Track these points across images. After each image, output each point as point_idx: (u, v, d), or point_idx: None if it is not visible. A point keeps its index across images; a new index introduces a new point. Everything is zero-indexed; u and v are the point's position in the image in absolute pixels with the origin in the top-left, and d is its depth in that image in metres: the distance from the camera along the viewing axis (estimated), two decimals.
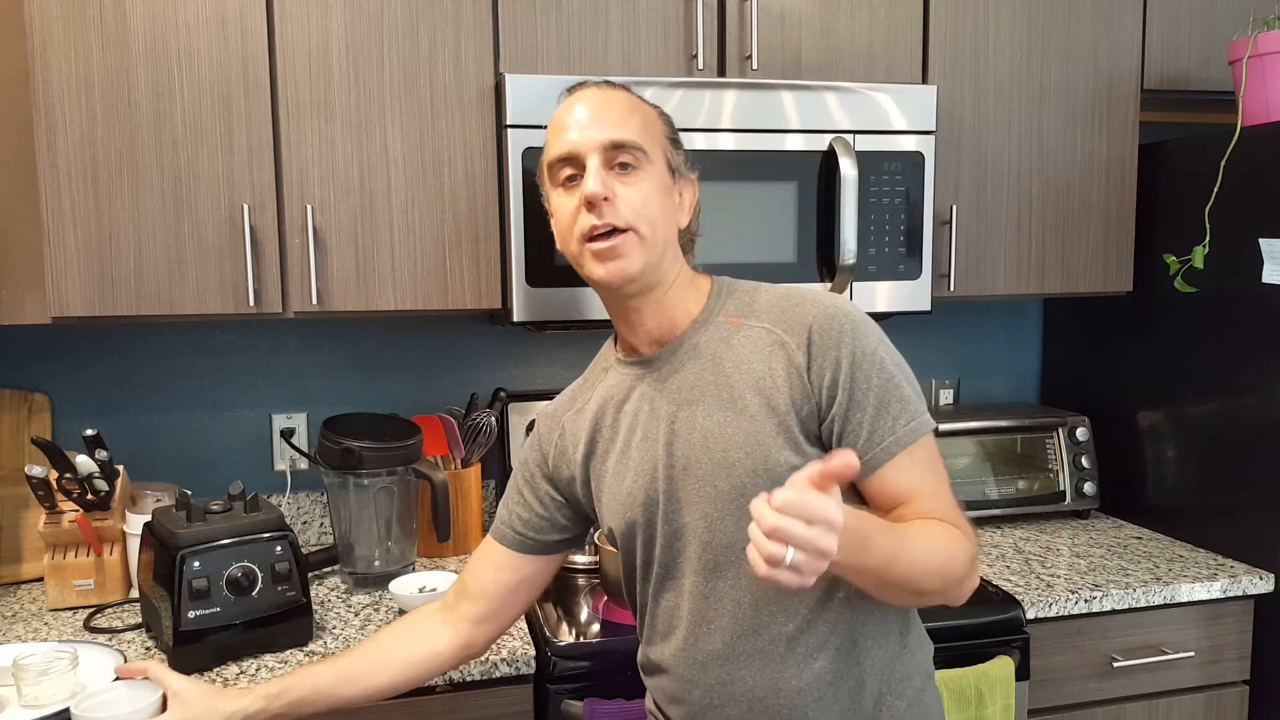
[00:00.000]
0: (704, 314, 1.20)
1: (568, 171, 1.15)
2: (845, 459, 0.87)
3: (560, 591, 1.76)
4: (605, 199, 1.11)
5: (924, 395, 1.22)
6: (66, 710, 1.27)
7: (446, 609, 1.33)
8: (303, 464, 2.06)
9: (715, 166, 1.75)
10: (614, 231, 1.12)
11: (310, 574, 1.80)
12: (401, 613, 1.66)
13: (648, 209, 1.13)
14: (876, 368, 1.11)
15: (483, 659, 1.47)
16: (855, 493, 1.14)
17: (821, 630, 1.13)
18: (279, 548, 1.52)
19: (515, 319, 1.71)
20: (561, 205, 1.17)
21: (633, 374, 1.22)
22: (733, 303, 1.20)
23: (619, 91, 1.19)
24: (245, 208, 1.64)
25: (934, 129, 1.86)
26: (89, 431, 1.69)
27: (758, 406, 1.12)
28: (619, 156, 1.13)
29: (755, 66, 1.82)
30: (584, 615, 1.65)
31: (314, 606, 1.61)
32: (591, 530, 1.86)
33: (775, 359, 1.13)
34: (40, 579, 1.82)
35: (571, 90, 1.20)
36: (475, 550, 1.37)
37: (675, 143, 1.21)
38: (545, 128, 1.65)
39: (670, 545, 1.17)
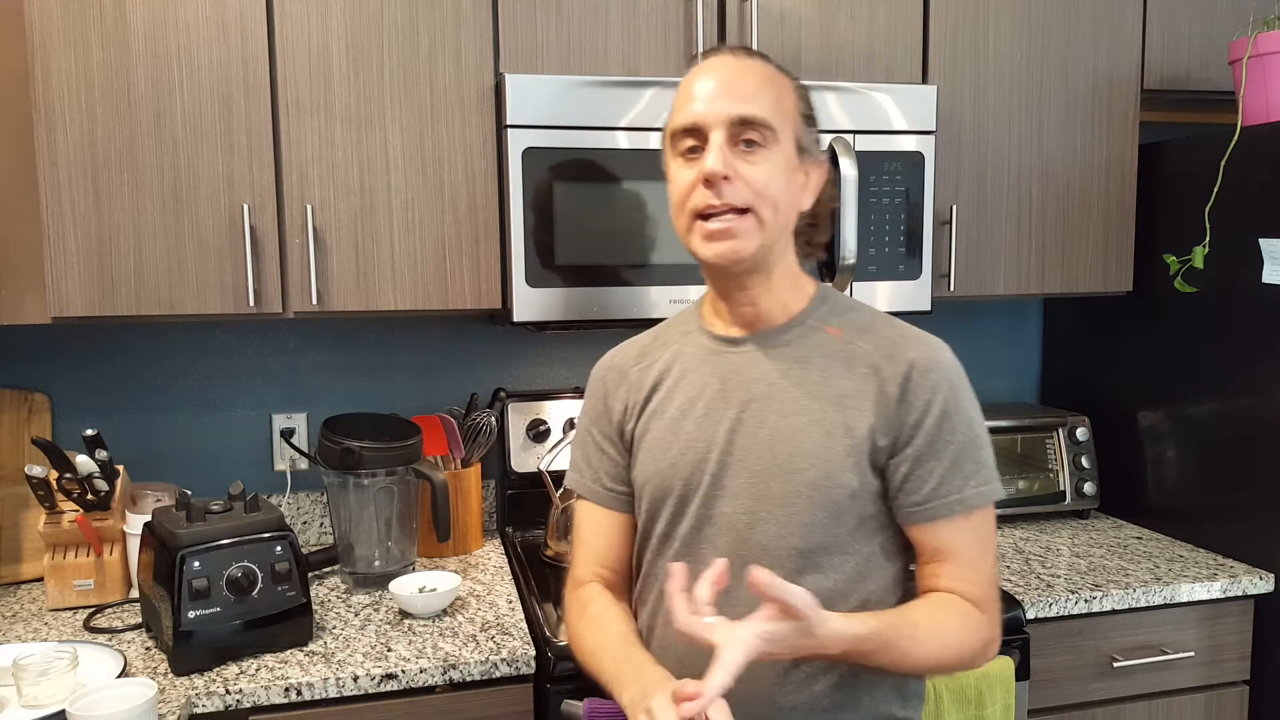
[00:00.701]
0: (803, 314, 1.17)
1: (689, 143, 1.10)
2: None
3: (560, 591, 1.75)
4: (725, 178, 1.06)
5: None
6: (66, 711, 1.27)
7: (608, 590, 1.26)
8: (303, 464, 2.06)
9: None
10: (729, 211, 1.07)
11: (310, 574, 1.80)
12: (402, 613, 1.66)
13: (769, 190, 1.08)
14: (964, 424, 1.10)
15: (483, 659, 1.47)
16: (893, 532, 1.15)
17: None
18: (279, 548, 1.52)
19: (515, 319, 1.71)
20: (679, 177, 1.11)
21: (713, 347, 1.20)
22: (837, 315, 1.18)
23: (755, 61, 1.12)
24: (245, 208, 1.64)
25: (934, 129, 1.86)
26: (89, 431, 1.69)
27: (835, 423, 1.10)
28: (745, 133, 1.07)
29: None
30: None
31: (314, 606, 1.61)
32: None
33: (867, 384, 1.11)
34: (40, 579, 1.82)
35: (705, 55, 1.14)
36: (578, 528, 1.31)
37: (809, 120, 1.15)
38: (545, 128, 1.69)
39: (698, 529, 1.15)
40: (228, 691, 1.39)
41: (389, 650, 1.51)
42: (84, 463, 1.69)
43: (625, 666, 1.10)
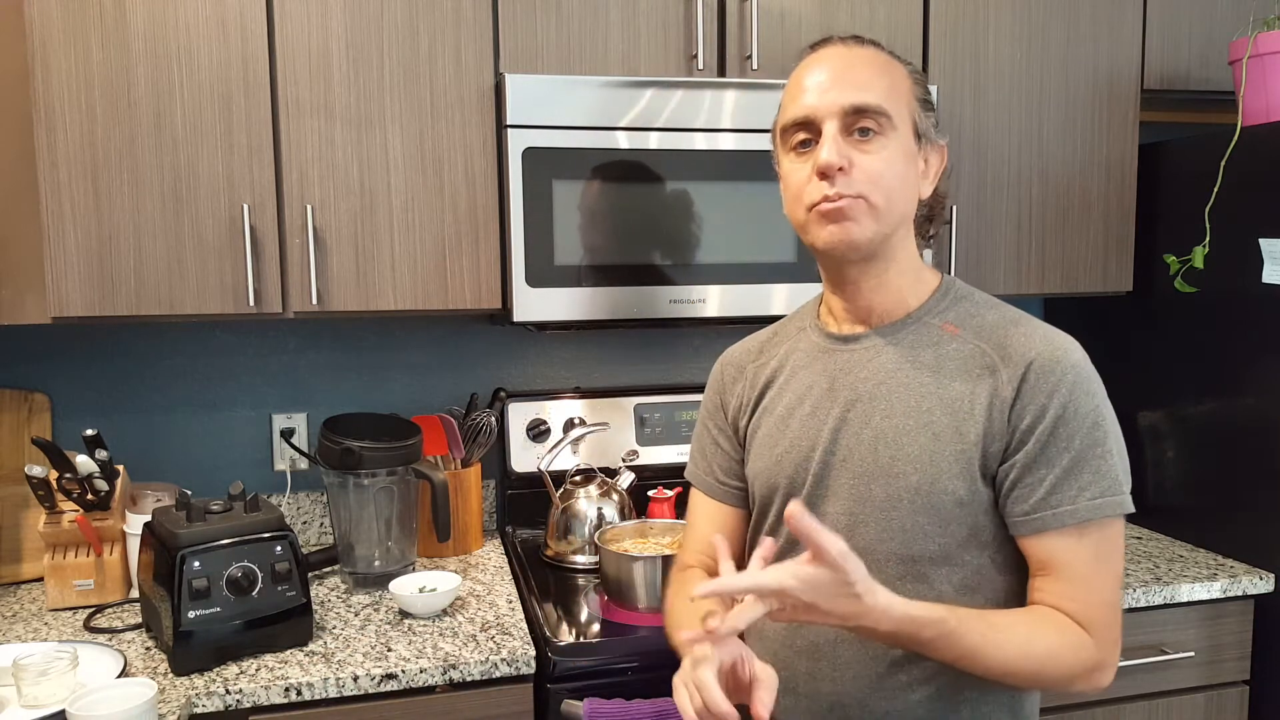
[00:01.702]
0: (921, 310, 1.13)
1: (801, 136, 1.07)
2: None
3: (560, 591, 1.76)
4: (840, 169, 1.03)
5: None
6: (66, 711, 1.27)
7: (710, 576, 1.23)
8: (303, 464, 2.06)
9: (715, 166, 1.75)
10: (843, 198, 1.04)
11: (310, 574, 1.80)
12: (402, 613, 1.66)
13: (886, 179, 1.04)
14: (1086, 428, 1.03)
15: (483, 659, 1.47)
16: (1008, 545, 1.08)
17: (930, 665, 1.07)
18: (279, 548, 1.52)
19: (515, 319, 1.71)
20: (793, 172, 1.08)
21: (824, 345, 1.17)
22: (956, 310, 1.13)
23: (867, 49, 1.09)
24: (245, 208, 1.64)
25: None
26: (89, 431, 1.69)
27: (944, 426, 1.06)
28: (860, 122, 1.04)
29: (755, 66, 1.82)
30: (584, 615, 1.65)
31: (314, 606, 1.60)
32: (590, 530, 1.86)
33: (981, 385, 1.06)
34: (40, 579, 1.82)
35: (814, 47, 1.11)
36: (691, 515, 1.31)
37: (926, 104, 1.10)
38: (545, 128, 1.69)
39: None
40: (228, 691, 1.39)
41: (389, 650, 1.51)
42: (84, 463, 1.69)
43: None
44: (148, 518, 1.59)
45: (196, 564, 1.45)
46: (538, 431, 2.07)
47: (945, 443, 1.05)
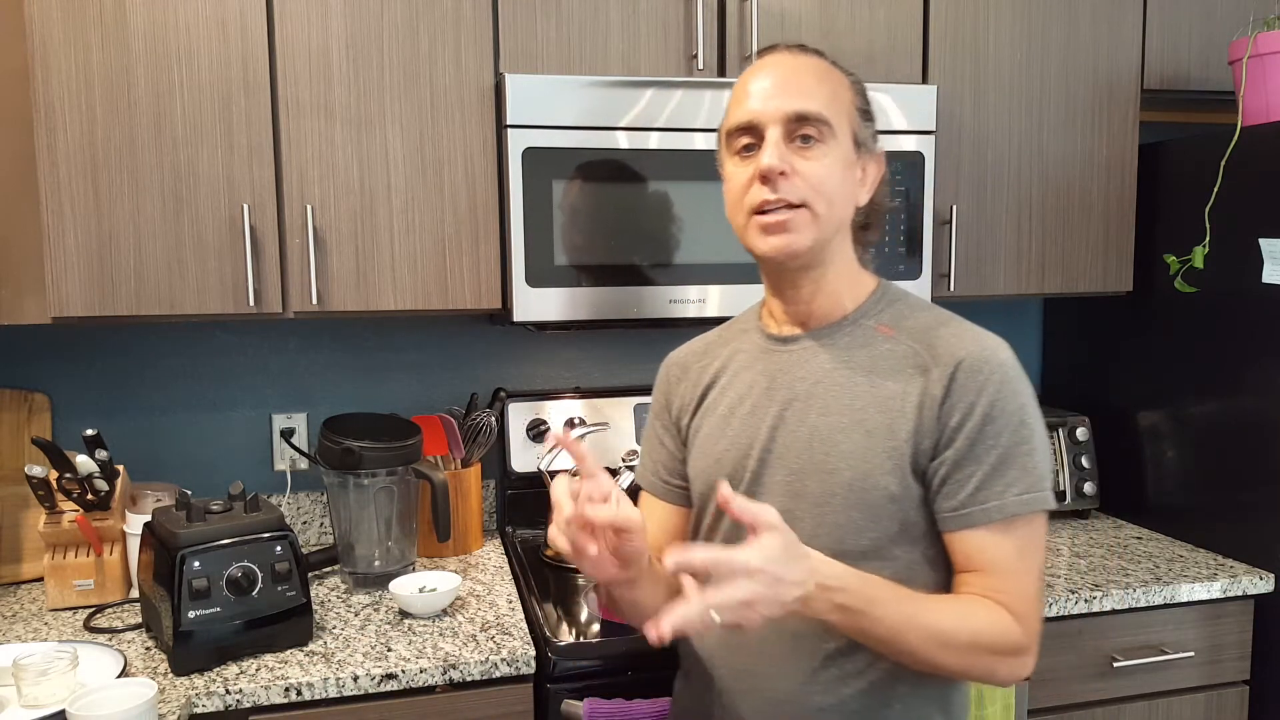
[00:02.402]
0: (857, 312, 1.16)
1: (745, 141, 1.10)
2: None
3: (560, 591, 1.76)
4: (782, 174, 1.06)
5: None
6: (66, 711, 1.27)
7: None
8: (303, 464, 2.06)
9: (715, 167, 1.75)
10: (784, 206, 1.07)
11: (310, 574, 1.80)
12: (402, 613, 1.66)
13: (826, 185, 1.08)
14: (1012, 426, 1.05)
15: (483, 659, 1.47)
16: (938, 541, 1.10)
17: (862, 660, 1.09)
18: (279, 548, 1.52)
19: (515, 319, 1.71)
20: (735, 175, 1.12)
21: (765, 346, 1.20)
22: (891, 312, 1.16)
23: (810, 58, 1.12)
24: (245, 208, 1.64)
25: (934, 129, 1.86)
26: (89, 431, 1.69)
27: (877, 424, 1.08)
28: (801, 129, 1.07)
29: None
30: (584, 615, 1.65)
31: (314, 606, 1.60)
32: None
33: (912, 384, 1.09)
34: (40, 579, 1.82)
35: (761, 54, 1.14)
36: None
37: (865, 114, 1.14)
38: (545, 128, 1.69)
39: (739, 524, 1.14)
40: (228, 691, 1.39)
41: (389, 650, 1.51)
42: (84, 463, 1.69)
43: None
44: (148, 518, 1.59)
45: (196, 564, 1.45)
46: (538, 431, 2.07)
47: (878, 440, 1.08)
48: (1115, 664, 1.77)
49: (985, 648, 1.03)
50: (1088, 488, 2.17)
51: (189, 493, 1.55)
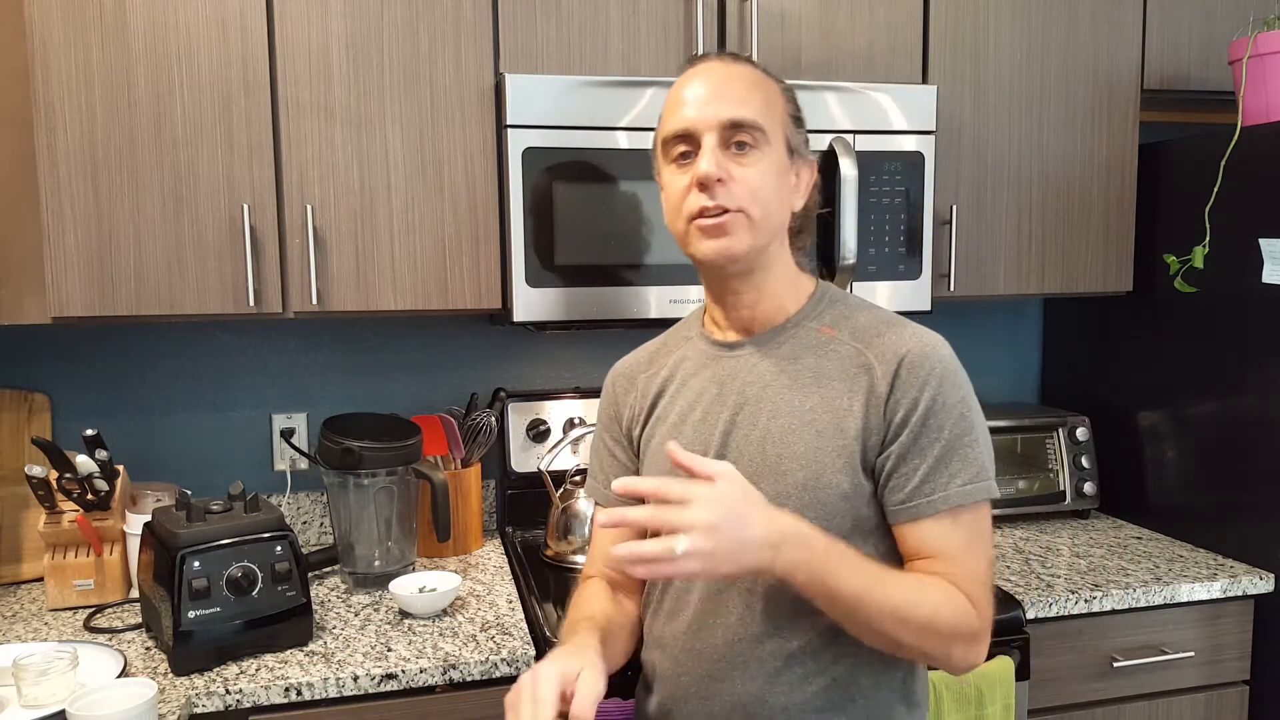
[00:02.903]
0: (799, 315, 1.17)
1: (681, 148, 1.11)
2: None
3: (560, 591, 1.76)
4: (719, 180, 1.07)
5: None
6: (66, 711, 1.27)
7: (611, 588, 1.26)
8: (303, 464, 2.06)
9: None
10: (724, 211, 1.09)
11: (310, 574, 1.80)
12: (402, 613, 1.66)
13: (762, 192, 1.09)
14: (953, 419, 1.08)
15: (483, 659, 1.47)
16: (890, 535, 1.12)
17: (825, 657, 1.11)
18: (279, 548, 1.52)
19: (515, 319, 1.71)
20: (672, 183, 1.13)
21: (711, 352, 1.21)
22: (831, 313, 1.17)
23: (742, 66, 1.14)
24: (245, 208, 1.64)
25: (934, 129, 1.86)
26: (89, 431, 1.69)
27: (826, 424, 1.10)
28: (736, 136, 1.08)
29: None
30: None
31: (314, 606, 1.60)
32: (590, 530, 1.86)
33: (858, 383, 1.11)
34: (40, 579, 1.82)
35: (692, 61, 1.15)
36: (594, 529, 1.37)
37: (797, 121, 1.16)
38: (545, 128, 1.69)
39: None
40: (228, 691, 1.39)
41: (389, 650, 1.51)
42: (84, 463, 1.69)
43: (568, 639, 1.12)
44: (148, 518, 1.59)
45: (196, 564, 1.45)
46: (538, 431, 2.07)
47: (828, 439, 1.09)
48: (1115, 664, 1.77)
49: (943, 627, 1.04)
50: (1088, 488, 2.17)
51: (189, 493, 1.55)
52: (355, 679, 1.43)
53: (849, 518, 1.10)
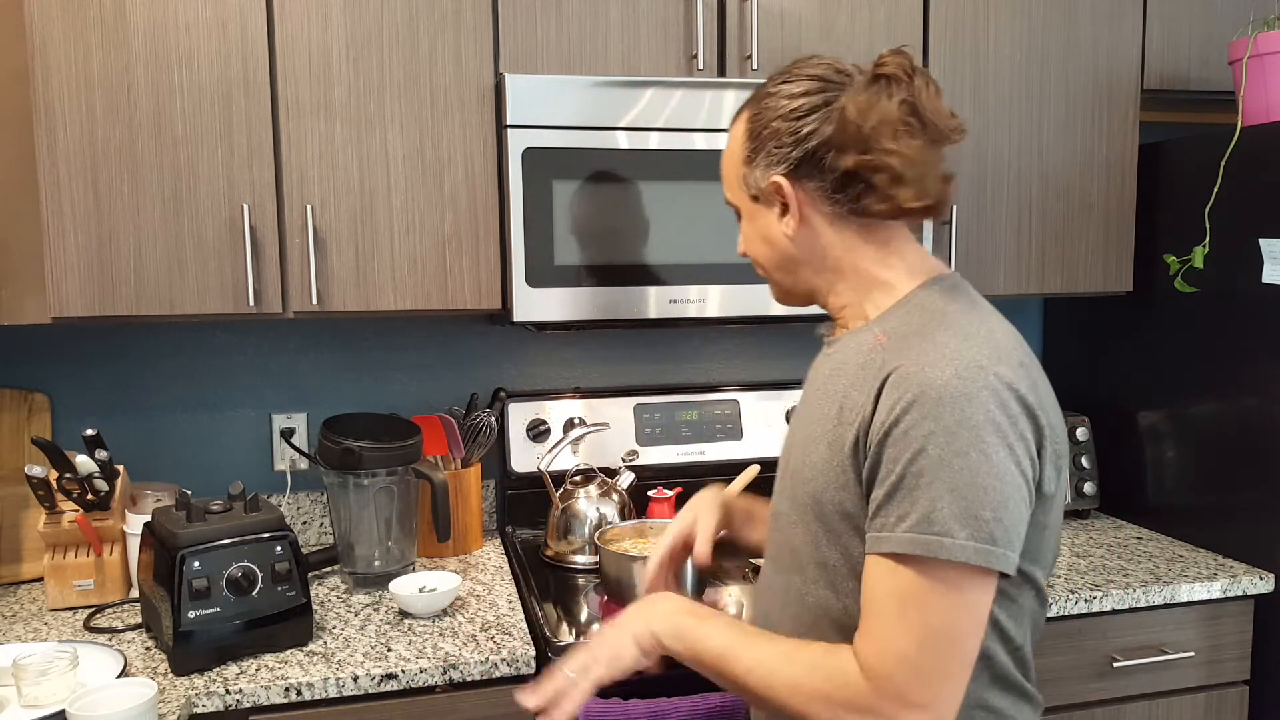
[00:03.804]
0: (874, 321, 1.09)
1: None
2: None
3: (560, 591, 1.76)
4: (743, 253, 1.19)
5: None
6: (66, 711, 1.27)
7: None
8: (303, 464, 2.06)
9: (715, 166, 1.75)
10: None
11: (310, 574, 1.80)
12: (402, 613, 1.66)
13: (753, 254, 1.16)
14: (912, 453, 0.92)
15: (483, 659, 1.47)
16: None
17: None
18: (279, 548, 1.52)
19: (515, 319, 1.71)
20: None
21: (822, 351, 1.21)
22: (899, 319, 1.05)
23: (731, 128, 1.16)
24: (245, 208, 1.64)
25: None
26: (89, 431, 1.69)
27: (835, 437, 1.03)
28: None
29: (755, 66, 1.82)
30: (584, 615, 1.65)
31: (314, 606, 1.60)
32: (590, 530, 1.86)
33: (869, 396, 1.02)
34: (40, 579, 1.82)
35: None
36: None
37: (750, 159, 1.09)
38: (545, 128, 1.69)
39: (769, 525, 1.20)
40: (228, 691, 1.39)
41: (389, 650, 1.51)
42: (84, 463, 1.69)
43: None
44: (148, 518, 1.59)
45: (196, 564, 1.45)
46: (538, 431, 2.07)
47: (835, 452, 1.02)
48: (1115, 664, 1.77)
49: (817, 693, 0.95)
50: (1088, 488, 2.17)
51: (189, 493, 1.55)
52: (355, 679, 1.43)
53: (859, 540, 1.00)
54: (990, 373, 0.94)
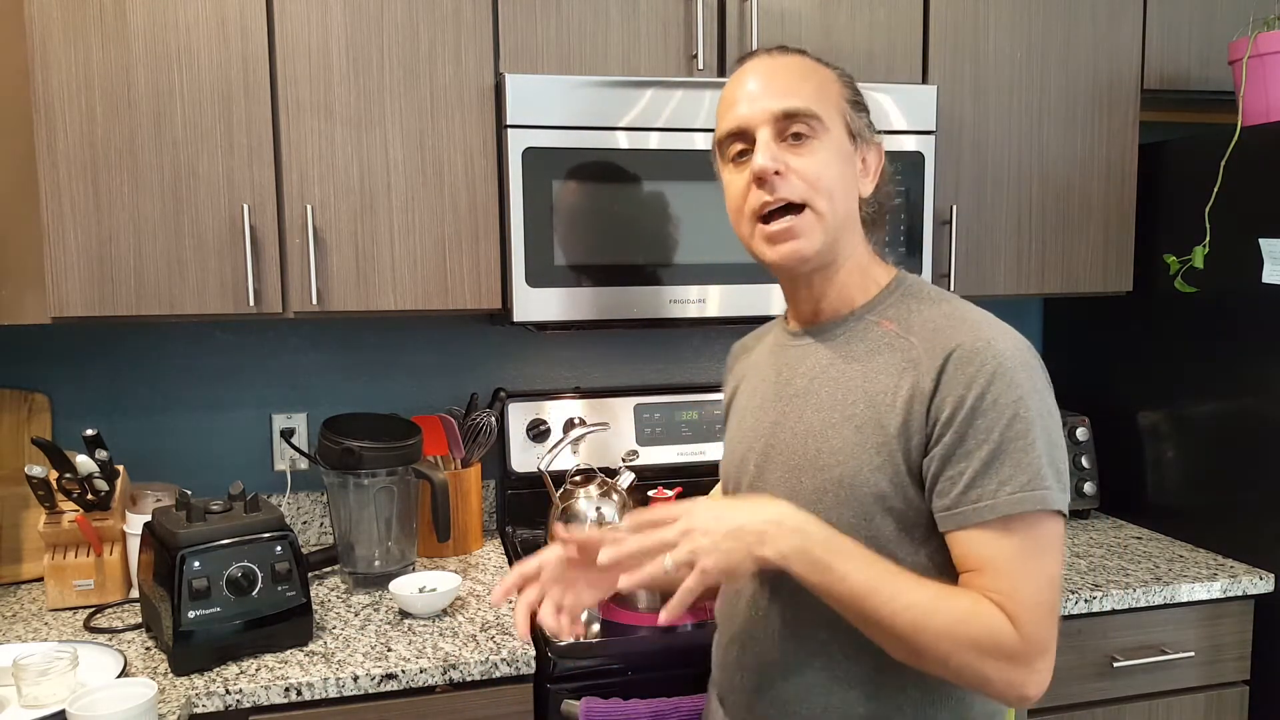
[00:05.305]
0: (865, 307, 1.12)
1: (738, 147, 1.09)
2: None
3: None
4: (777, 173, 1.04)
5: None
6: (66, 711, 1.27)
7: None
8: (303, 464, 2.06)
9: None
10: (788, 208, 1.06)
11: (310, 574, 1.80)
12: (402, 613, 1.66)
13: (824, 180, 1.06)
14: (1006, 419, 0.98)
15: (483, 659, 1.47)
16: (946, 547, 1.04)
17: (865, 661, 1.06)
18: (279, 548, 1.52)
19: (515, 319, 1.71)
20: (732, 182, 1.10)
21: (780, 342, 1.21)
22: (898, 306, 1.11)
23: (792, 56, 1.11)
24: (245, 208, 1.64)
25: (934, 129, 1.86)
26: (89, 431, 1.69)
27: (866, 419, 1.05)
28: (791, 127, 1.05)
29: None
30: (584, 615, 1.65)
31: (314, 606, 1.60)
32: (591, 530, 1.86)
33: (904, 379, 1.04)
34: (40, 579, 1.82)
35: (742, 60, 1.13)
36: None
37: (857, 105, 1.12)
38: (545, 128, 1.69)
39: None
40: (228, 691, 1.39)
41: (389, 650, 1.51)
42: (84, 463, 1.69)
43: None
44: (148, 518, 1.59)
45: (196, 564, 1.45)
46: (538, 431, 2.07)
47: (867, 435, 1.04)
48: (1115, 664, 1.77)
49: (968, 640, 0.96)
50: (1088, 488, 2.17)
51: (189, 493, 1.55)
52: (355, 679, 1.43)
53: (890, 520, 1.04)
54: (1025, 341, 1.05)
